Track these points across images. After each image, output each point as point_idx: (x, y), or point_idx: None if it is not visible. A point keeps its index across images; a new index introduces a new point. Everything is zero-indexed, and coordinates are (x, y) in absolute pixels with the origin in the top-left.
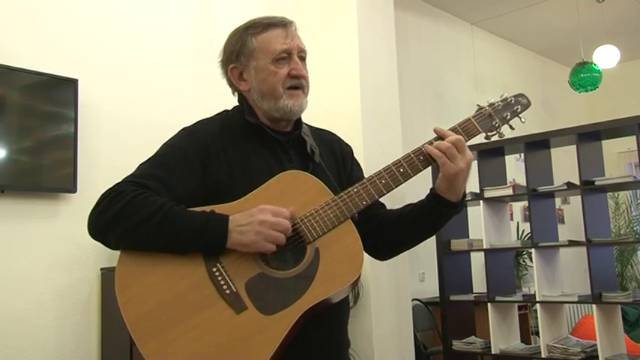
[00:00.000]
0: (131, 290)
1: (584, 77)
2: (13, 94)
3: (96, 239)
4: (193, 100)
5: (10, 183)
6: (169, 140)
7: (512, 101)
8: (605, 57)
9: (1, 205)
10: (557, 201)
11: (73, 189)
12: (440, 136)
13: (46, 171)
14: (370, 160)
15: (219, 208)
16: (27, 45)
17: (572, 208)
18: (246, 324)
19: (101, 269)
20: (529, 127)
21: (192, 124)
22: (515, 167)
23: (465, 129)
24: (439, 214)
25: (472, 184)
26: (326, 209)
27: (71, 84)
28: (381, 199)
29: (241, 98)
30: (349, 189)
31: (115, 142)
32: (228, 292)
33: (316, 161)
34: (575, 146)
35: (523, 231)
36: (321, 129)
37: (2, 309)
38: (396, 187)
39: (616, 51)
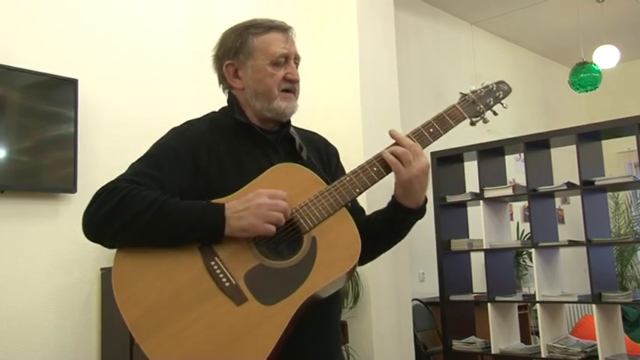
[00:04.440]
0: (129, 289)
1: (584, 77)
2: (13, 94)
3: (91, 238)
4: (193, 100)
5: (10, 183)
6: (160, 140)
7: (494, 88)
8: (605, 57)
9: (1, 205)
10: (557, 201)
11: (73, 189)
12: (396, 142)
13: (46, 171)
14: None
15: (213, 201)
16: (27, 45)
17: (572, 208)
18: (247, 315)
19: (101, 269)
20: (529, 127)
21: (181, 124)
22: (515, 167)
23: (451, 115)
24: (400, 221)
25: (472, 184)
26: (320, 198)
27: (71, 84)
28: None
29: (231, 97)
30: (342, 178)
31: (115, 142)
32: (227, 284)
33: (304, 158)
34: (575, 146)
35: (523, 231)
36: (307, 130)
37: (2, 309)
38: (387, 174)
39: (616, 51)
